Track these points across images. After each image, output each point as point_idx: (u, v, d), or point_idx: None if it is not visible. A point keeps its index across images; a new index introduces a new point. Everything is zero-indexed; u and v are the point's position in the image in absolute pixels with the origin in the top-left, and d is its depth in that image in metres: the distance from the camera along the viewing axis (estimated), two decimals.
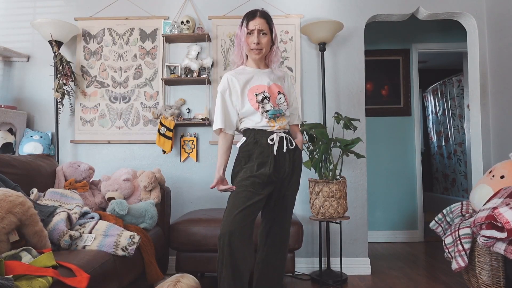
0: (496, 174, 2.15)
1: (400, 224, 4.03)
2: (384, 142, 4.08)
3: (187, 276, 1.96)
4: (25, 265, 1.24)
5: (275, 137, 1.85)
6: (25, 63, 3.13)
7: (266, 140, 1.84)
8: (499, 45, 2.88)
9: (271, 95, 1.87)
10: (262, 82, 1.89)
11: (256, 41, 1.83)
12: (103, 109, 3.06)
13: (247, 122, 1.89)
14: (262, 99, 1.85)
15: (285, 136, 1.88)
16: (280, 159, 1.85)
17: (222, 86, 1.91)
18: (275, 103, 1.88)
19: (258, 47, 1.85)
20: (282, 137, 1.87)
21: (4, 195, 1.39)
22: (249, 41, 1.85)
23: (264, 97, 1.86)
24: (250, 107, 1.85)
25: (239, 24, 1.89)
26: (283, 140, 1.86)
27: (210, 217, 2.49)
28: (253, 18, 1.84)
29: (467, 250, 2.03)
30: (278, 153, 1.84)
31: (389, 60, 4.15)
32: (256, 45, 1.84)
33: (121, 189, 2.41)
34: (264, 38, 1.85)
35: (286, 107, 1.92)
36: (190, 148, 3.00)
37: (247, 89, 1.87)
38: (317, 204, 2.53)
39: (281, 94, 1.91)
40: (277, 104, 1.89)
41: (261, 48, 1.86)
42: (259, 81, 1.90)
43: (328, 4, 3.03)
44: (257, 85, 1.88)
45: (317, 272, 2.79)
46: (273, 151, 1.83)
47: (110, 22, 3.10)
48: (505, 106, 2.82)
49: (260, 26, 1.83)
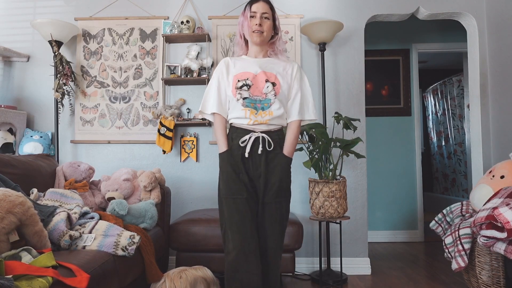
0: (496, 174, 2.15)
1: (400, 224, 4.03)
2: (384, 142, 4.08)
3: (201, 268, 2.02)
4: (25, 265, 1.24)
5: (248, 138, 1.76)
6: (25, 63, 3.13)
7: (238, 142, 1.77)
8: (499, 45, 2.88)
9: (254, 84, 1.79)
10: (250, 70, 1.83)
11: (259, 23, 1.80)
12: (103, 109, 3.06)
13: (230, 115, 1.84)
14: (241, 86, 1.79)
15: (262, 136, 1.77)
16: (254, 162, 1.77)
17: (219, 69, 1.87)
18: (261, 92, 1.79)
19: (260, 29, 1.80)
20: (258, 137, 1.76)
21: (4, 195, 1.39)
22: (251, 23, 1.82)
23: (244, 84, 1.79)
24: (230, 93, 1.81)
25: (242, 12, 1.88)
26: (258, 141, 1.76)
27: (210, 217, 2.49)
28: (257, 1, 1.83)
29: (467, 250, 2.03)
30: (253, 156, 1.76)
31: (389, 60, 4.15)
32: (258, 26, 1.80)
33: (121, 189, 2.40)
34: (267, 22, 1.82)
35: (274, 97, 1.79)
36: (190, 148, 3.00)
37: (232, 75, 1.84)
38: (317, 204, 2.53)
39: (270, 83, 1.80)
40: (263, 93, 1.79)
41: (263, 31, 1.81)
42: (247, 69, 1.84)
43: (328, 4, 3.03)
44: (242, 72, 1.83)
45: (317, 272, 2.79)
46: (245, 153, 1.75)
47: (110, 22, 3.10)
48: (505, 106, 2.82)
49: (263, 9, 1.82)
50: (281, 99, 1.81)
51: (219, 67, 1.88)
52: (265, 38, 1.84)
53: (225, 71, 1.86)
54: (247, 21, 1.83)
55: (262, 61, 1.88)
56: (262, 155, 1.76)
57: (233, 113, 1.81)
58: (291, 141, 1.83)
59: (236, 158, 1.77)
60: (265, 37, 1.84)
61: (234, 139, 1.79)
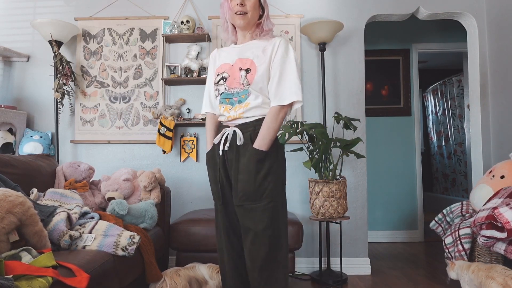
0: (496, 174, 2.15)
1: (400, 224, 4.03)
2: (384, 142, 4.08)
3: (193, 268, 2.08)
4: (25, 265, 1.24)
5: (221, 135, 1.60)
6: (25, 63, 3.13)
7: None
8: (499, 45, 2.88)
9: (231, 75, 1.60)
10: (228, 60, 1.64)
11: (240, 2, 1.54)
12: (103, 109, 3.06)
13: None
14: (218, 81, 1.63)
15: (233, 130, 1.57)
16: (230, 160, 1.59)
17: (210, 64, 1.76)
18: (239, 83, 1.58)
19: (242, 9, 1.55)
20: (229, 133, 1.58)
21: (4, 195, 1.39)
22: (232, 4, 1.57)
23: (221, 78, 1.62)
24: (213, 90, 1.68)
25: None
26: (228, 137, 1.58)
27: (210, 217, 2.49)
28: None
29: (467, 250, 2.03)
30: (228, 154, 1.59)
31: (389, 60, 4.15)
32: (239, 7, 1.54)
33: (121, 189, 2.40)
34: (250, 0, 1.57)
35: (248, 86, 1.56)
36: (190, 148, 3.00)
37: (215, 69, 1.69)
38: (317, 204, 2.53)
39: (243, 71, 1.57)
40: (241, 84, 1.57)
41: (245, 11, 1.56)
42: (226, 60, 1.65)
43: (328, 4, 3.03)
44: (222, 64, 1.65)
45: (317, 272, 2.79)
46: (219, 151, 1.60)
47: (110, 22, 3.10)
48: (505, 106, 2.82)
49: None
50: (258, 88, 1.56)
51: (209, 62, 1.78)
52: (250, 19, 1.59)
53: (212, 66, 1.73)
54: (227, 1, 1.59)
55: (242, 46, 1.65)
56: (233, 151, 1.57)
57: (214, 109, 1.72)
58: (262, 132, 1.53)
59: (216, 158, 1.64)
60: (250, 19, 1.58)
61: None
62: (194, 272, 2.10)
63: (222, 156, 1.60)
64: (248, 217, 1.52)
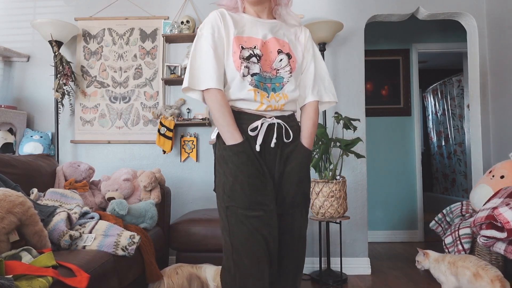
0: (496, 174, 2.15)
1: (400, 224, 4.03)
2: (384, 142, 4.08)
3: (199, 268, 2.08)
4: (25, 265, 1.24)
5: (260, 124, 1.26)
6: (25, 63, 3.13)
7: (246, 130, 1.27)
8: (499, 45, 2.88)
9: (265, 55, 1.29)
10: (256, 35, 1.31)
11: None
12: (103, 109, 3.06)
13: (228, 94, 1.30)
14: (248, 56, 1.27)
15: (278, 123, 1.28)
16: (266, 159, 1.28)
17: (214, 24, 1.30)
18: (271, 66, 1.30)
19: None
20: (273, 124, 1.28)
21: (4, 195, 1.39)
22: None
23: (252, 55, 1.27)
24: (231, 63, 1.27)
25: None
26: (273, 130, 1.27)
27: (210, 217, 2.49)
28: None
29: (467, 250, 2.03)
30: (264, 150, 1.28)
31: (389, 60, 4.15)
32: None
33: (121, 189, 2.41)
34: None
35: (289, 74, 1.31)
36: (190, 148, 3.00)
37: (232, 38, 1.29)
38: (317, 204, 2.53)
39: (284, 54, 1.31)
40: (274, 69, 1.30)
41: None
42: (252, 32, 1.31)
43: (328, 4, 3.03)
44: (247, 36, 1.30)
45: (317, 272, 2.80)
46: (255, 147, 1.25)
47: (110, 22, 3.10)
48: (505, 106, 2.82)
49: None
50: (296, 78, 1.35)
51: (211, 21, 1.30)
52: None
53: (223, 28, 1.29)
54: None
55: (269, 23, 1.34)
56: (276, 148, 1.28)
57: (234, 92, 1.29)
58: (309, 130, 1.34)
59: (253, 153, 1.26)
60: None
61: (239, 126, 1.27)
62: (198, 271, 2.10)
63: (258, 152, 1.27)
64: (300, 222, 1.34)
